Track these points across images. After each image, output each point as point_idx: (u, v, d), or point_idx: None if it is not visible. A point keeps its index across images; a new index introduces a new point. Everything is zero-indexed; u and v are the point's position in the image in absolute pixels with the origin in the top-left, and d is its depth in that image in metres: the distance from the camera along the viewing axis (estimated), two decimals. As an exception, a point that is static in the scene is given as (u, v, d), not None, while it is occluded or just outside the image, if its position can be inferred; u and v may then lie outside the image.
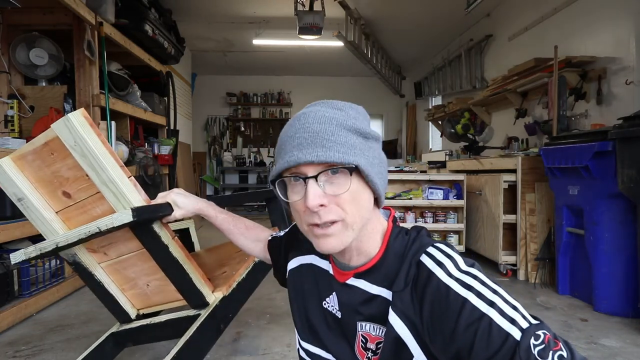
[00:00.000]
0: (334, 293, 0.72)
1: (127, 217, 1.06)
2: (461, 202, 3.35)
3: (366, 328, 0.67)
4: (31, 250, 1.25)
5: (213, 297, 1.35)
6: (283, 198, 0.64)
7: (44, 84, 3.12)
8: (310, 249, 0.79)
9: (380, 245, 0.68)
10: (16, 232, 2.23)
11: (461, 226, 3.38)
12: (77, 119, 1.08)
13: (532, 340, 0.51)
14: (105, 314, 2.31)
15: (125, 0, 3.52)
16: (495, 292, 0.56)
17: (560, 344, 0.51)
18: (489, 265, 3.31)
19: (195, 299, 1.33)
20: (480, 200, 3.39)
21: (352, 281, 0.69)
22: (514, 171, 3.09)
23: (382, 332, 0.65)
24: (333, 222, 0.60)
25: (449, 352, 0.56)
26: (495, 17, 4.97)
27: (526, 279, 3.03)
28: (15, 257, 1.29)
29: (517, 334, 0.51)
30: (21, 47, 2.98)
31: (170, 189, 1.40)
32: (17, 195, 1.26)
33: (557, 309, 2.44)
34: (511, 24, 4.56)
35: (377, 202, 0.67)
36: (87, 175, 1.16)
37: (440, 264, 0.61)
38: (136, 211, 1.06)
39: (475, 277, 0.58)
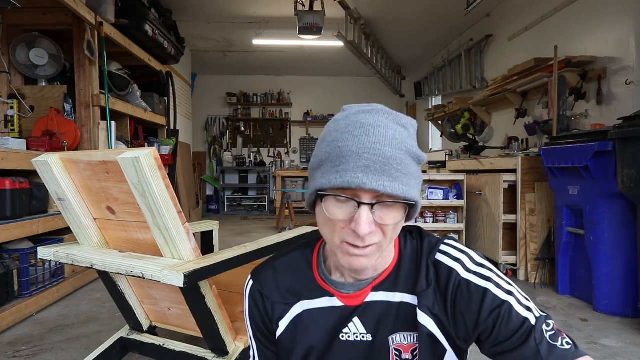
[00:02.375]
0: (353, 320, 0.67)
1: (178, 282, 1.01)
2: (461, 202, 3.35)
3: (397, 339, 0.66)
4: (62, 256, 1.24)
5: (234, 346, 1.32)
6: (324, 211, 0.59)
7: (44, 84, 3.12)
8: (291, 300, 0.71)
9: (393, 253, 0.68)
10: (16, 232, 2.22)
11: (461, 226, 3.38)
12: (148, 161, 1.02)
13: (544, 327, 0.57)
14: (106, 314, 2.31)
15: (125, 0, 3.53)
16: (510, 284, 0.62)
17: (565, 334, 0.58)
18: (489, 265, 3.31)
19: (216, 343, 1.30)
20: (480, 200, 3.38)
21: (371, 297, 0.67)
22: (514, 171, 3.09)
23: (413, 338, 0.65)
24: (371, 245, 0.59)
25: (471, 338, 0.61)
26: (495, 17, 4.96)
27: (526, 279, 3.03)
28: (44, 254, 1.27)
29: (532, 320, 0.58)
30: (21, 47, 2.98)
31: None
32: (59, 195, 1.24)
33: (557, 309, 2.43)
34: (511, 24, 4.56)
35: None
36: (138, 205, 1.11)
37: (457, 260, 0.64)
38: (188, 277, 1.01)
39: (490, 269, 0.64)
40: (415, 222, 3.39)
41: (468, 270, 0.63)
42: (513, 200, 3.09)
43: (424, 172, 4.09)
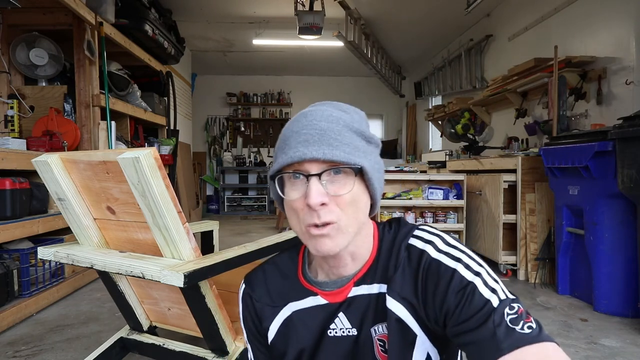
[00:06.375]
0: (338, 316, 0.68)
1: (178, 282, 1.01)
2: (461, 202, 3.35)
3: (379, 330, 0.66)
4: (62, 256, 1.23)
5: (234, 346, 1.31)
6: (281, 194, 0.63)
7: (44, 84, 3.12)
8: (281, 303, 0.72)
9: (372, 246, 0.69)
10: (16, 232, 2.22)
11: (461, 226, 3.38)
12: (148, 161, 1.02)
13: (507, 310, 0.56)
14: (106, 314, 2.31)
15: (125, 0, 3.53)
16: (480, 265, 0.62)
17: (532, 318, 0.56)
18: (489, 265, 3.30)
19: (216, 342, 1.29)
20: (480, 200, 3.38)
21: (354, 292, 0.68)
22: (514, 171, 3.09)
23: None
24: (329, 224, 0.60)
25: (440, 319, 0.60)
26: (495, 17, 4.96)
27: (526, 279, 3.03)
28: (44, 254, 1.27)
29: (495, 302, 0.57)
30: (21, 47, 2.97)
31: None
32: (59, 195, 1.24)
33: (557, 309, 2.43)
34: (511, 24, 4.56)
35: (372, 208, 0.67)
36: (138, 205, 1.11)
37: (429, 242, 0.65)
38: (188, 277, 1.01)
39: (462, 251, 0.64)
40: (416, 222, 3.39)
41: (439, 251, 0.63)
42: (513, 200, 3.09)
43: (424, 172, 4.09)
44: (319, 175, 0.59)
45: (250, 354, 0.79)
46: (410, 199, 3.34)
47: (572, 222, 2.64)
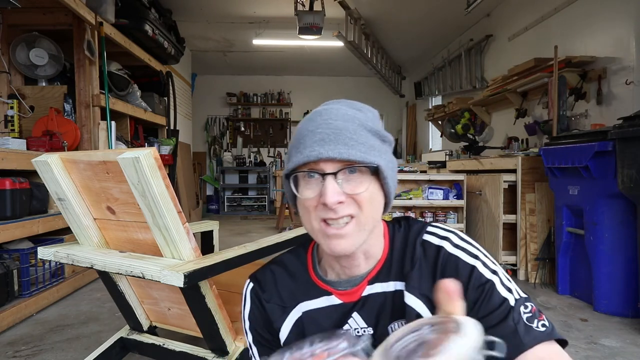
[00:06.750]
0: (352, 315, 0.68)
1: (178, 282, 1.00)
2: (461, 202, 3.35)
3: (397, 327, 0.66)
4: (62, 256, 1.23)
5: (234, 346, 1.31)
6: (295, 193, 0.63)
7: (44, 84, 3.12)
8: (291, 303, 0.71)
9: (383, 244, 0.69)
10: (16, 232, 2.22)
11: (461, 226, 3.38)
12: (148, 161, 1.01)
13: (522, 308, 0.59)
14: (106, 314, 2.31)
15: (125, 0, 3.53)
16: (495, 264, 0.65)
17: (544, 316, 0.60)
18: (489, 265, 3.30)
19: (216, 343, 1.29)
20: (480, 200, 3.38)
21: (368, 290, 0.67)
22: (514, 171, 3.09)
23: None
24: (349, 219, 0.60)
25: None
26: (495, 17, 4.96)
27: (526, 279, 3.03)
28: (44, 254, 1.27)
29: (512, 301, 0.60)
30: (21, 47, 2.97)
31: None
32: (59, 195, 1.24)
33: (557, 309, 2.43)
34: (511, 24, 4.56)
35: (385, 207, 0.67)
36: (138, 205, 1.11)
37: (444, 238, 0.66)
38: (188, 277, 1.01)
39: (477, 248, 0.66)
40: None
41: (455, 246, 0.65)
42: (513, 200, 3.09)
43: (424, 172, 4.09)
44: (334, 174, 0.59)
45: (255, 358, 0.76)
46: (410, 199, 3.34)
47: (572, 222, 2.64)
